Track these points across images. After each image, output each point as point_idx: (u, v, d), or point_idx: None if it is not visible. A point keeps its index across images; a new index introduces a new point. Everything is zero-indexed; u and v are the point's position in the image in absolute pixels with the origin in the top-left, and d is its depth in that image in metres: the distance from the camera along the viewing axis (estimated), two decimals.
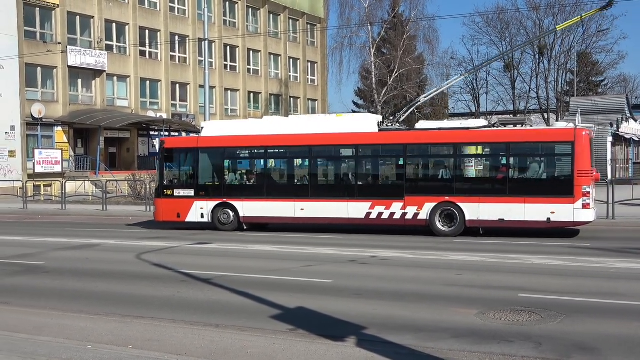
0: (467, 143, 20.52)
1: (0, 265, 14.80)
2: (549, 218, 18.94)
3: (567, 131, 19.50)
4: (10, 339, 7.99)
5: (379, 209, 20.57)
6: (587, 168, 18.80)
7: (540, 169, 20.12)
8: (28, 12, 44.02)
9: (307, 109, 68.25)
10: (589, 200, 18.69)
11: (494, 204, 19.50)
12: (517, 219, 19.24)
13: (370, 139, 21.46)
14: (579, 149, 18.77)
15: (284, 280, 12.41)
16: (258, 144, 22.45)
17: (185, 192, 22.95)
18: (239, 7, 59.91)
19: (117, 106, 49.56)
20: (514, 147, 19.80)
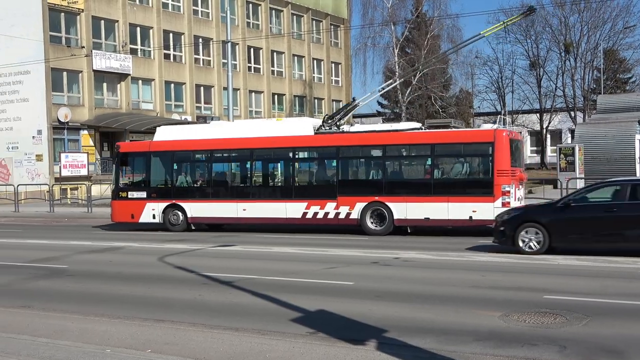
0: (394, 145, 21.21)
1: (24, 269, 14.91)
2: (471, 217, 19.63)
3: (487, 132, 20.20)
4: (30, 342, 7.99)
5: (314, 209, 21.44)
6: (506, 168, 19.44)
7: (462, 170, 20.78)
8: (53, 17, 44.40)
9: (332, 109, 68.10)
10: (508, 199, 19.22)
11: (420, 203, 20.25)
12: (442, 218, 20.05)
13: (305, 142, 22.38)
14: (498, 150, 19.43)
15: (305, 283, 12.34)
16: (204, 148, 23.49)
17: (138, 194, 24.00)
18: (262, 9, 59.99)
19: (142, 109, 49.84)
20: (438, 149, 20.63)
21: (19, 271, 14.62)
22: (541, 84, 63.29)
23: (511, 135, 20.34)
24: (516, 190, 19.87)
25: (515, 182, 19.75)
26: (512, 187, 19.47)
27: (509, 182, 19.37)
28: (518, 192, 20.09)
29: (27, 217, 32.36)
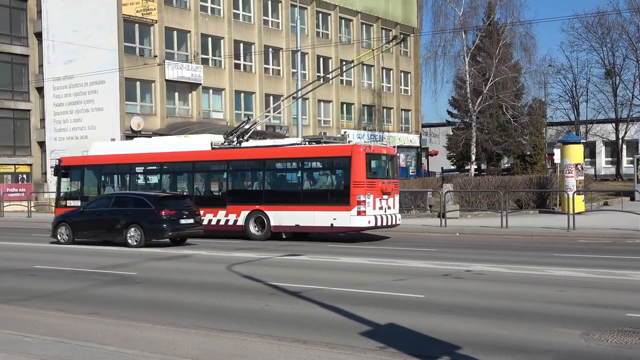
0: (271, 159, 23.66)
1: (93, 275, 15.05)
2: (332, 224, 21.78)
3: (346, 147, 22.37)
4: (97, 351, 7.93)
5: (209, 216, 23.78)
6: (362, 179, 21.43)
7: (326, 181, 23.08)
8: (128, 28, 45.33)
9: (400, 119, 67.69)
10: (364, 207, 21.29)
11: (291, 211, 22.48)
12: (309, 225, 22.33)
13: (202, 156, 24.92)
14: (354, 163, 21.38)
15: (374, 295, 12.04)
16: (124, 162, 26.58)
17: (74, 202, 26.51)
18: (331, 18, 60.03)
19: (213, 118, 50.38)
20: (306, 163, 23.14)
21: (89, 277, 14.76)
22: (617, 93, 61.50)
23: (369, 150, 22.24)
24: (376, 200, 21.72)
25: (373, 192, 21.62)
26: (370, 197, 21.50)
27: (365, 193, 21.38)
28: (381, 201, 21.99)
29: None
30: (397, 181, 23.95)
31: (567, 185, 29.14)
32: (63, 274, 15.38)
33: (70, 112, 46.55)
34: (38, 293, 12.88)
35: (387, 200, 22.32)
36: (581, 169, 31.04)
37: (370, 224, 21.69)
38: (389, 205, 22.36)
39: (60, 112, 47.36)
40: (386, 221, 22.32)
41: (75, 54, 45.25)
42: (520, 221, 27.42)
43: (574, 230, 23.63)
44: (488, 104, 53.53)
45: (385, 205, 22.16)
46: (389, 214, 22.45)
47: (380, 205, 21.99)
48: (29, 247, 22.08)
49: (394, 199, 22.80)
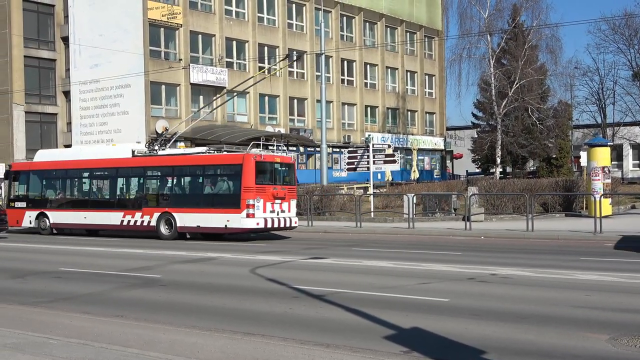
0: (177, 166, 26.18)
1: (119, 278, 15.12)
2: (226, 225, 24.16)
3: (238, 156, 24.92)
4: (120, 353, 7.94)
5: (128, 218, 26.40)
6: (251, 185, 23.78)
7: (222, 186, 25.29)
8: (153, 32, 45.68)
9: (425, 122, 67.47)
10: (253, 211, 23.60)
11: (193, 213, 24.85)
12: (208, 225, 24.62)
13: (123, 163, 27.42)
14: (245, 170, 23.77)
15: (398, 298, 11.96)
16: (60, 168, 29.15)
17: (21, 204, 29.82)
18: (356, 22, 60.01)
19: (237, 122, 50.58)
20: (206, 170, 25.65)
21: (114, 280, 14.83)
22: None
23: (259, 158, 24.43)
24: (266, 204, 24.07)
25: (264, 197, 23.97)
26: (260, 202, 23.88)
27: (254, 197, 23.74)
28: (272, 205, 24.34)
29: None
30: (293, 187, 26.13)
31: (594, 189, 28.81)
32: (88, 277, 15.47)
33: (96, 116, 46.98)
34: (63, 295, 12.96)
35: (281, 205, 24.71)
36: (608, 171, 30.66)
37: (259, 226, 24.07)
38: (283, 209, 24.77)
39: (86, 116, 47.81)
40: (278, 223, 24.65)
41: (101, 58, 45.67)
42: (546, 224, 27.16)
43: (600, 233, 23.35)
44: (513, 106, 53.18)
45: (278, 209, 24.56)
46: (282, 217, 24.71)
47: (272, 209, 24.35)
48: (54, 250, 22.26)
49: (289, 203, 25.08)
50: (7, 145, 48.91)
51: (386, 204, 36.00)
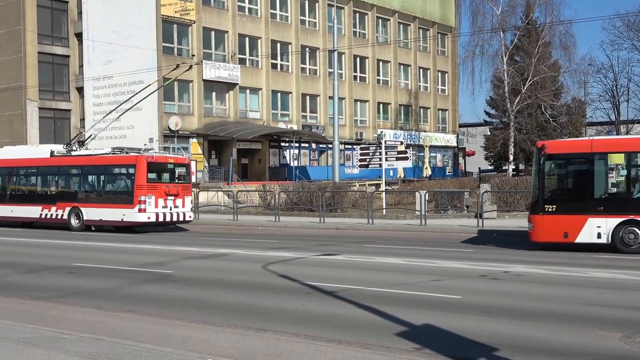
0: (84, 165, 29.15)
1: (131, 273, 15.18)
2: (122, 218, 26.94)
3: (132, 157, 27.44)
4: (133, 348, 7.97)
5: (45, 211, 29.34)
6: (143, 183, 26.55)
7: (120, 184, 28.19)
8: (166, 28, 45.78)
9: (437, 119, 67.33)
10: (144, 206, 26.39)
11: (96, 208, 27.79)
12: (108, 219, 27.56)
13: (42, 162, 30.43)
14: (138, 170, 26.67)
15: (410, 295, 11.96)
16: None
17: None
18: (368, 18, 59.92)
19: (250, 118, 50.63)
20: (107, 169, 28.49)
21: (127, 275, 14.90)
22: None
23: (151, 159, 27.16)
24: (158, 200, 26.73)
25: (155, 194, 26.61)
26: (151, 198, 26.55)
27: (146, 194, 26.42)
28: (165, 202, 26.96)
29: None
30: (188, 185, 28.61)
31: None
32: (101, 272, 15.55)
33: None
34: (76, 290, 13.03)
35: (174, 201, 27.35)
36: None
37: (151, 220, 26.70)
38: (177, 205, 27.41)
39: (99, 112, 47.89)
40: (170, 217, 27.32)
41: (114, 54, 45.81)
42: None
43: None
44: (526, 103, 53.00)
45: (171, 205, 27.23)
46: (175, 212, 27.38)
47: (165, 204, 27.04)
48: (68, 245, 22.36)
49: (183, 200, 27.69)
50: (21, 141, 49.13)
51: (398, 201, 35.93)
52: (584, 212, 18.49)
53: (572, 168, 19.75)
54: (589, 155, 18.87)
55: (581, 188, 19.15)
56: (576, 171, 19.64)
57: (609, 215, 18.29)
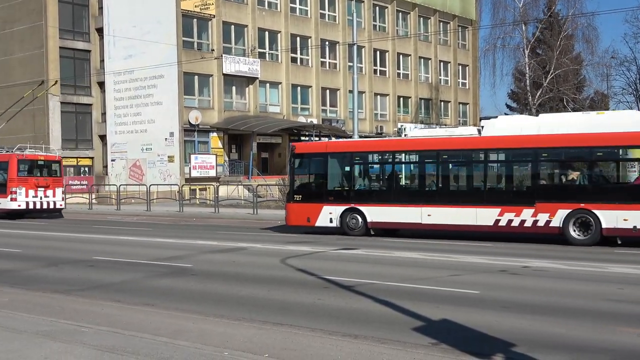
0: None
1: (150, 267, 15.26)
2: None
3: (7, 155, 33.38)
4: (150, 342, 8.01)
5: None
6: (14, 177, 32.52)
7: None
8: (186, 23, 45.89)
9: (458, 112, 66.99)
10: (15, 196, 32.21)
11: None
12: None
13: None
14: (10, 166, 32.63)
15: (428, 290, 11.91)
16: None
17: None
18: (388, 12, 59.70)
19: (269, 112, 50.68)
20: None
21: (146, 269, 14.97)
22: None
23: (21, 157, 33.33)
24: (29, 191, 32.68)
25: (26, 186, 32.58)
26: (22, 189, 32.46)
27: (17, 186, 32.42)
28: (36, 192, 32.93)
29: (158, 216, 33.51)
30: (59, 178, 34.42)
31: None
32: (121, 265, 15.64)
33: (130, 106, 47.39)
34: (96, 284, 13.12)
35: (45, 192, 33.31)
36: None
37: (21, 207, 32.63)
38: (47, 195, 33.36)
39: (120, 106, 48.26)
40: (40, 205, 33.27)
41: (135, 49, 46.02)
42: None
43: None
44: (548, 97, 52.57)
45: (41, 195, 33.17)
46: (45, 201, 33.28)
47: (35, 195, 32.95)
48: (88, 239, 22.52)
49: (53, 191, 33.66)
50: (43, 135, 49.54)
51: None
52: (320, 201, 22.83)
53: (313, 165, 23.63)
54: (324, 155, 23.24)
55: (318, 181, 23.46)
56: (315, 168, 23.55)
57: (337, 204, 22.52)
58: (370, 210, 22.01)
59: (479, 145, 20.89)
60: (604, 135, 18.81)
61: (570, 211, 18.88)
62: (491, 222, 20.09)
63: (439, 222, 20.94)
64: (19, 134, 51.21)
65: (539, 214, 19.34)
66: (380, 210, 21.90)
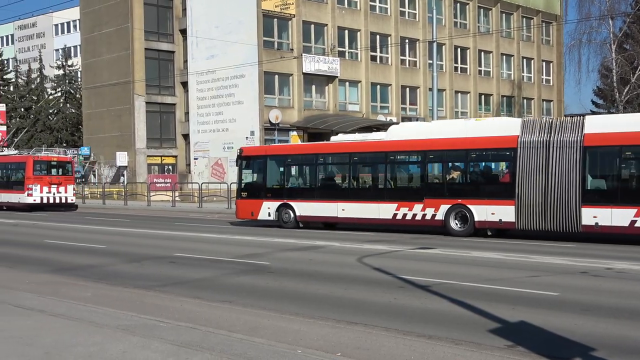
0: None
1: (229, 264, 15.51)
2: (19, 200, 38.34)
3: (24, 157, 39.54)
4: (225, 338, 8.15)
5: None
6: (31, 175, 37.83)
7: (18, 176, 39.12)
8: (267, 23, 46.41)
9: (542, 110, 65.53)
10: (32, 192, 37.59)
11: (3, 193, 39.64)
12: (11, 201, 38.90)
13: None
14: (27, 166, 38.23)
15: (505, 291, 11.71)
16: None
17: None
18: (469, 8, 58.89)
19: (349, 111, 50.73)
20: (9, 165, 40.81)
21: (225, 266, 15.24)
22: None
23: (37, 158, 38.97)
24: (43, 187, 37.99)
25: (41, 183, 37.89)
26: (37, 186, 37.77)
27: (33, 183, 37.76)
28: (50, 189, 38.20)
29: None
30: (70, 177, 39.74)
31: None
32: (201, 262, 15.96)
33: (212, 106, 48.27)
34: (176, 280, 13.43)
35: (57, 188, 38.49)
36: None
37: (37, 202, 37.91)
38: (59, 192, 38.57)
39: (203, 106, 49.21)
40: (54, 200, 38.54)
41: (217, 50, 46.86)
42: None
43: None
44: (636, 93, 50.82)
45: (54, 191, 38.42)
46: (57, 196, 38.53)
47: (49, 191, 38.22)
48: (170, 236, 23.05)
49: (65, 188, 38.80)
50: (129, 135, 51.05)
51: None
52: (261, 198, 26.06)
53: (255, 166, 26.92)
54: (264, 157, 26.72)
55: (259, 180, 26.63)
56: (257, 168, 26.83)
57: (274, 200, 25.71)
58: (299, 205, 25.17)
59: (380, 148, 23.67)
60: (475, 139, 21.39)
61: (450, 206, 21.51)
62: (390, 215, 22.82)
63: (350, 216, 23.97)
64: (106, 133, 52.95)
65: (427, 209, 22.03)
66: (307, 205, 25.02)
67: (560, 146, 19.55)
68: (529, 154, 20.08)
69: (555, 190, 19.56)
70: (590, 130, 19.32)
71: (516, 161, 20.36)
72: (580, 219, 19.22)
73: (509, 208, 20.34)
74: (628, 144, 19.07)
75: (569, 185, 19.38)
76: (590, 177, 19.65)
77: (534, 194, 19.92)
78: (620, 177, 19.44)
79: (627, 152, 19.43)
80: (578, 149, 19.28)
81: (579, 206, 19.19)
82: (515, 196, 20.18)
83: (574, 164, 19.32)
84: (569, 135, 19.49)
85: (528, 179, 20.09)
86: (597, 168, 19.95)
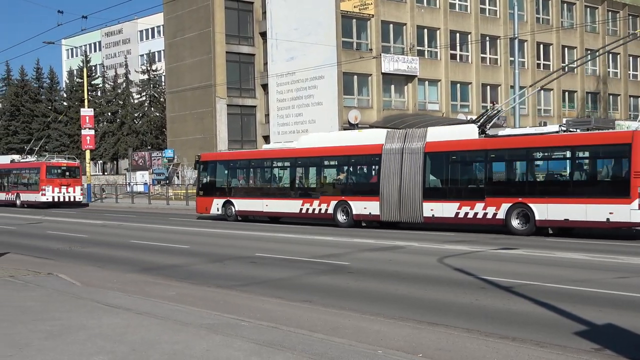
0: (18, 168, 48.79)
1: (309, 264, 15.60)
2: (35, 199, 45.00)
3: (38, 163, 46.19)
4: (306, 337, 8.20)
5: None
6: (44, 178, 44.12)
7: (32, 179, 45.85)
8: (345, 23, 46.49)
9: (629, 106, 63.47)
10: (45, 192, 43.97)
11: (28, 193, 46.20)
12: (30, 200, 45.69)
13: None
14: (41, 171, 44.08)
15: (591, 292, 11.39)
16: None
17: None
18: (552, 3, 57.55)
19: (428, 110, 50.32)
20: (23, 170, 47.14)
21: (305, 266, 15.34)
22: None
23: (49, 164, 45.46)
24: (54, 188, 44.25)
25: (52, 185, 44.01)
26: (49, 187, 44.04)
27: (46, 185, 44.07)
28: (60, 189, 44.44)
29: None
30: (78, 179, 45.91)
31: None
32: (281, 262, 16.12)
33: (292, 107, 48.66)
34: (257, 279, 13.60)
35: (67, 189, 44.71)
36: None
37: (49, 200, 44.04)
38: (69, 192, 44.76)
39: (282, 107, 49.67)
40: (63, 199, 44.62)
41: (296, 51, 47.20)
42: None
43: None
44: None
45: (64, 192, 44.56)
46: (68, 196, 44.70)
47: (60, 191, 44.36)
48: (250, 236, 23.34)
49: (73, 188, 45.08)
50: (211, 137, 51.95)
51: None
52: (212, 196, 31.35)
53: (209, 169, 32.29)
54: (215, 162, 32.62)
55: (211, 181, 32.01)
56: (210, 171, 32.23)
57: (220, 197, 30.98)
58: (238, 202, 30.38)
59: (287, 154, 28.96)
60: (354, 147, 26.33)
61: (336, 202, 26.57)
62: (297, 210, 27.90)
63: (272, 210, 29.07)
64: (189, 136, 54.08)
65: (322, 204, 27.05)
66: (242, 202, 30.21)
67: (409, 152, 24.23)
68: (388, 159, 24.79)
69: (406, 188, 24.24)
70: (431, 139, 23.85)
71: (380, 165, 25.04)
72: (422, 211, 23.89)
73: (376, 204, 25.22)
74: (452, 150, 23.59)
75: (414, 184, 24.05)
76: (429, 178, 24.19)
77: (392, 192, 24.65)
78: (448, 178, 24.02)
79: (452, 157, 23.90)
80: (421, 154, 23.92)
81: (421, 201, 23.85)
82: (379, 194, 24.95)
83: (417, 167, 24.00)
84: (416, 143, 24.13)
85: (388, 179, 24.77)
86: (433, 170, 24.24)
